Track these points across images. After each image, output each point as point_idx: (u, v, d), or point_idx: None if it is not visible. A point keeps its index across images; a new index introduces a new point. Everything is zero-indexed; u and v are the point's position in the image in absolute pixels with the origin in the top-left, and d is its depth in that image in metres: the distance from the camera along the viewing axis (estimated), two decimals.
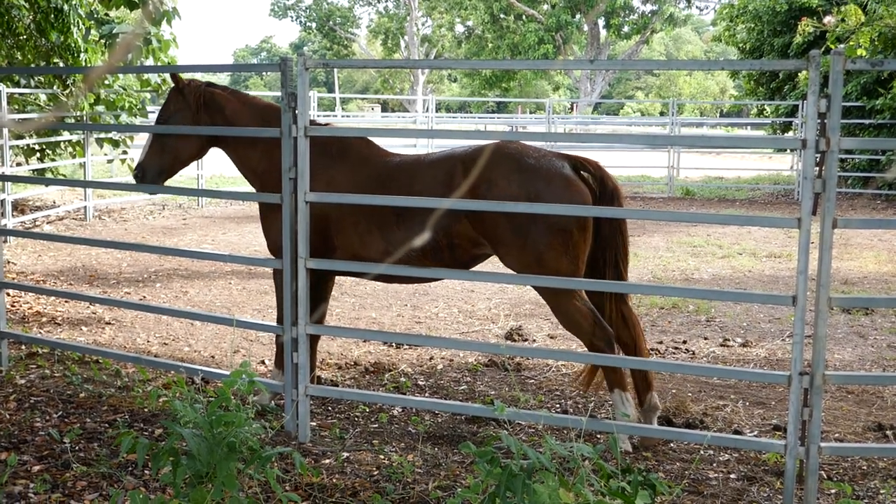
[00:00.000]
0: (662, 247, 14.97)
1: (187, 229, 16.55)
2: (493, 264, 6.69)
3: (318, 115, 27.86)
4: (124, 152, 17.41)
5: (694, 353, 8.38)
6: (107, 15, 15.40)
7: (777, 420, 6.48)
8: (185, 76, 6.72)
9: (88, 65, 13.96)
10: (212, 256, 6.58)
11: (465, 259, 5.95)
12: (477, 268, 6.32)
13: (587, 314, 5.70)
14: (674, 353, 8.36)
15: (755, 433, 6.22)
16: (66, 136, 17.38)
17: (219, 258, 6.47)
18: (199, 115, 6.44)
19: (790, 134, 26.04)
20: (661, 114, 73.28)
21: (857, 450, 5.18)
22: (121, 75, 16.38)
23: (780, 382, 4.90)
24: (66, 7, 13.28)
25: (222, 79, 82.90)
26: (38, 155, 17.80)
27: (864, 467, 5.67)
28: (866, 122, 22.17)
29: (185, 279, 11.63)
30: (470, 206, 5.40)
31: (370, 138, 6.42)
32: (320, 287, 6.37)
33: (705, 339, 8.95)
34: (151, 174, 6.45)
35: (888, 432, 6.31)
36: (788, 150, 29.32)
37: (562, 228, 5.56)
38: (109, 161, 18.68)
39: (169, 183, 6.70)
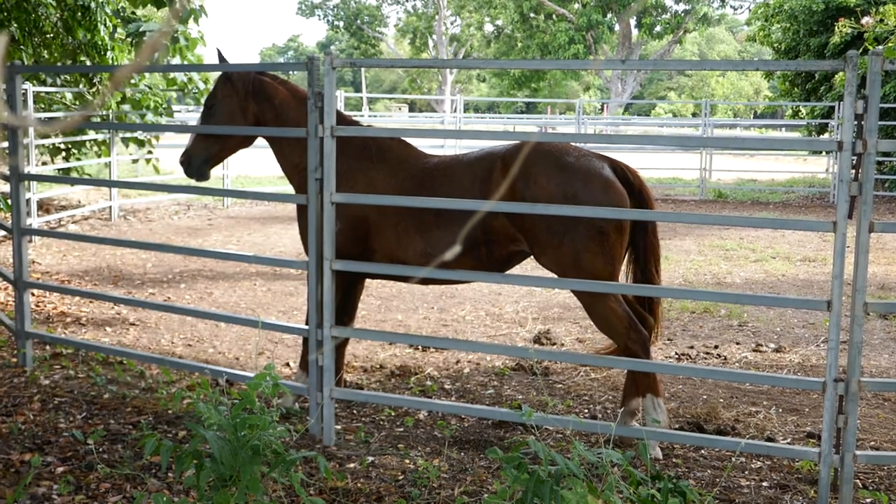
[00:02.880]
0: (694, 250, 14.89)
1: (212, 230, 16.65)
2: (522, 267, 6.69)
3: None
4: (150, 152, 17.52)
5: (726, 359, 8.32)
6: (133, 13, 15.50)
7: (811, 427, 6.42)
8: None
9: (115, 63, 14.07)
10: (237, 257, 6.60)
11: (501, 256, 5.97)
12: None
13: (623, 316, 5.71)
14: (705, 359, 8.31)
15: (788, 440, 6.17)
16: (91, 135, 17.51)
17: (244, 259, 6.50)
18: (246, 103, 6.43)
19: (826, 136, 25.87)
20: (694, 115, 72.92)
21: (893, 458, 5.13)
22: (147, 74, 16.49)
23: (815, 389, 4.86)
24: (93, 5, 13.39)
25: None
26: (63, 154, 17.95)
27: None
28: None
29: (210, 280, 11.70)
30: (511, 209, 5.46)
31: (405, 139, 6.44)
32: (350, 290, 6.39)
33: (737, 344, 8.89)
34: (198, 162, 6.49)
35: None
36: (824, 153, 29.09)
37: (600, 230, 5.59)
38: (134, 161, 18.79)
39: (193, 183, 6.72)
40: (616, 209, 5.40)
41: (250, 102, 6.44)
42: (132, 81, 16.24)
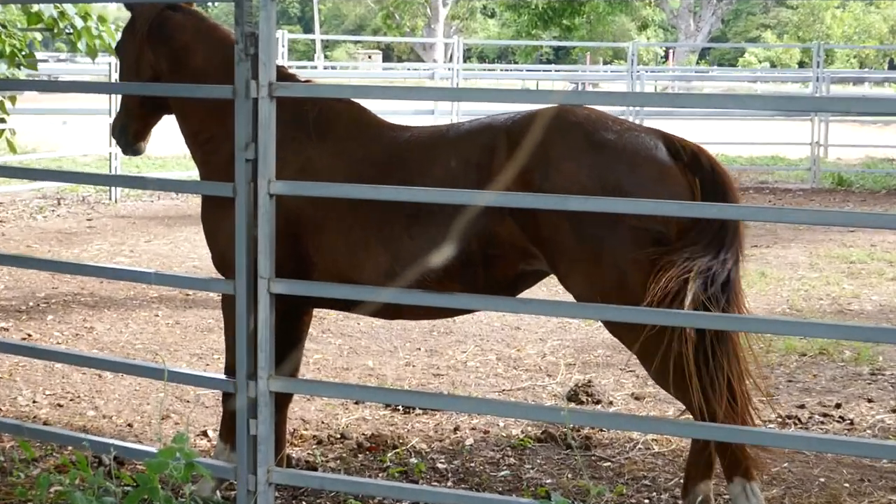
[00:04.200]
0: (803, 263, 14.88)
1: (94, 235, 16.60)
2: (547, 287, 6.60)
3: (291, 67, 27.93)
4: (1, 120, 17.47)
5: (852, 423, 8.31)
6: None
7: None
8: None
9: None
10: (130, 275, 6.59)
11: (506, 279, 5.95)
12: (527, 293, 6.30)
13: (692, 363, 5.65)
14: (822, 423, 8.30)
15: None
16: None
17: (141, 278, 6.49)
18: (143, 50, 6.65)
19: None
20: (801, 64, 73.03)
21: None
22: None
23: None
24: None
25: None
26: None
27: None
28: None
29: (91, 309, 11.65)
30: (520, 201, 5.39)
31: (362, 102, 6.43)
32: (292, 324, 6.37)
33: (869, 401, 8.87)
34: (118, 131, 6.90)
35: None
36: None
37: (655, 236, 5.55)
38: None
39: (64, 165, 6.75)
40: (684, 204, 5.37)
41: (146, 49, 6.61)
42: None
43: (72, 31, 16.39)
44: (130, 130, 6.87)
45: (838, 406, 8.72)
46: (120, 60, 6.94)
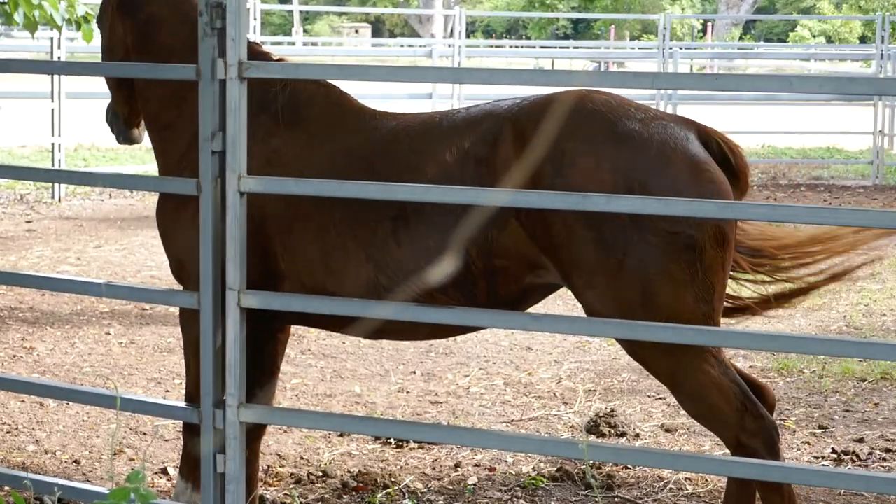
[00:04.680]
0: (863, 273, 14.83)
1: (34, 239, 16.62)
2: (563, 300, 6.55)
3: (265, 43, 27.95)
4: None
5: None
6: None
7: None
8: None
9: None
10: (77, 287, 6.57)
11: (511, 294, 5.94)
12: (540, 307, 6.27)
13: (728, 389, 5.66)
14: (884, 460, 8.30)
15: None
16: None
17: (89, 290, 6.46)
18: (114, 25, 6.80)
19: None
20: (863, 39, 73.12)
21: None
22: None
23: None
24: None
25: None
26: None
27: None
28: None
29: (31, 326, 11.64)
30: (529, 200, 5.35)
31: (346, 85, 6.42)
32: (266, 344, 6.35)
33: None
34: (111, 117, 7.10)
35: None
36: None
37: (687, 242, 5.53)
38: None
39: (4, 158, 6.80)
40: (725, 204, 5.35)
41: (117, 22, 6.74)
42: None
43: (6, 0, 16.43)
44: (121, 116, 7.00)
45: None
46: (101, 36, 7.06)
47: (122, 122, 7.01)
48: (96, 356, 10.65)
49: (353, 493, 7.51)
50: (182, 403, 6.69)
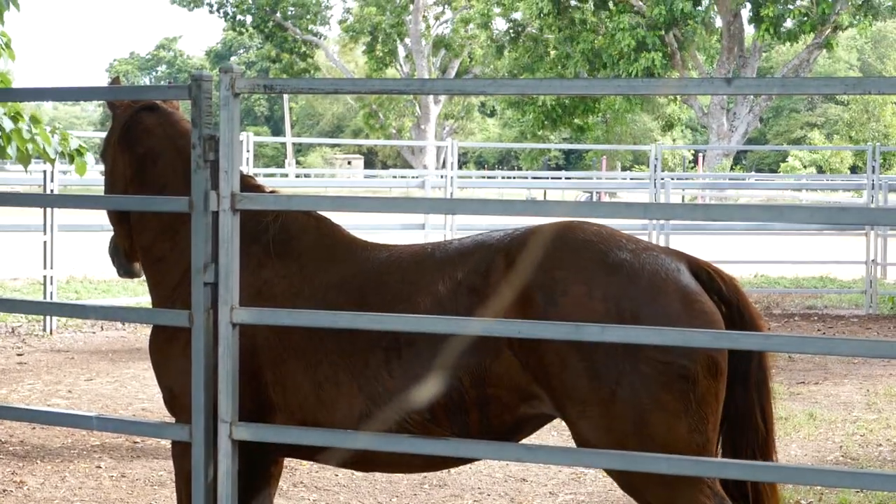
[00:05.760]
0: (859, 402, 14.83)
1: (25, 372, 16.55)
2: (558, 431, 6.53)
3: (258, 175, 28.06)
4: None
5: None
6: None
7: None
8: None
9: None
10: (68, 420, 6.54)
11: (504, 424, 5.91)
12: (532, 439, 6.25)
13: None
14: None
15: None
16: None
17: (80, 423, 6.43)
18: (116, 158, 6.88)
19: None
20: (853, 169, 73.48)
21: None
22: None
23: None
24: None
25: (91, 111, 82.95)
26: None
27: None
28: None
29: (21, 460, 11.55)
30: (522, 329, 5.37)
31: (340, 216, 6.45)
32: (257, 477, 6.32)
33: None
34: (113, 251, 7.16)
35: None
36: None
37: (680, 372, 5.54)
38: None
39: None
40: (719, 333, 5.36)
41: (118, 155, 6.84)
42: None
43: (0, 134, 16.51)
44: (122, 249, 7.05)
45: None
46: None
47: (122, 256, 7.05)
48: (87, 490, 10.58)
49: None
50: None
